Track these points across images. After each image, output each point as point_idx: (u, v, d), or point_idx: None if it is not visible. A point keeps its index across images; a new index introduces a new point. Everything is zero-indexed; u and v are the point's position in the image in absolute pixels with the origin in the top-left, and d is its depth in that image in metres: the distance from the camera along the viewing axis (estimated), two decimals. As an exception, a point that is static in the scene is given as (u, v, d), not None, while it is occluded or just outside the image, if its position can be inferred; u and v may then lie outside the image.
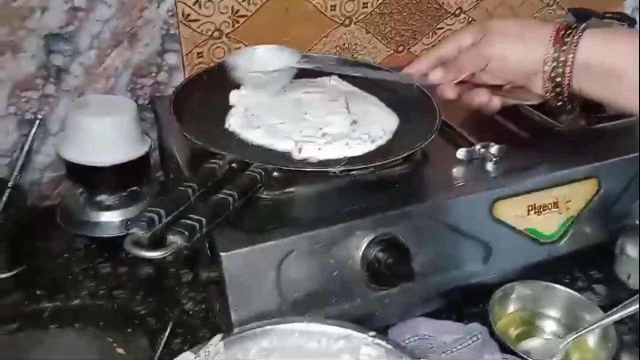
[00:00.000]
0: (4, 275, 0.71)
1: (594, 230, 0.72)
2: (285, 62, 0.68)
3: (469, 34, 0.61)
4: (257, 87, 0.68)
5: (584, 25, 0.53)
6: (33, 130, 0.70)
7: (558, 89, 0.55)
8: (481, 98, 0.62)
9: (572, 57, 0.52)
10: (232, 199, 0.48)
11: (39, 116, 0.72)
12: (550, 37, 0.53)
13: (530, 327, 0.66)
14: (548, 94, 0.56)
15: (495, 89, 0.62)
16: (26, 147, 0.70)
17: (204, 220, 0.44)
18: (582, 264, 0.74)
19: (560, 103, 0.56)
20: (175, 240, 0.41)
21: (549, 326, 0.66)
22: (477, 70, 0.60)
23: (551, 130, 0.76)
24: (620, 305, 0.62)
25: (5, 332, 0.68)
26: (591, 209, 0.70)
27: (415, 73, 0.64)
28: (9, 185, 0.70)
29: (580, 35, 0.52)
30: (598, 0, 0.96)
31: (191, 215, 0.44)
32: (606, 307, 0.64)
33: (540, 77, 0.55)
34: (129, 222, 0.42)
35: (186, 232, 0.42)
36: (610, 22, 0.85)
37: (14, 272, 0.71)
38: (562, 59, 0.53)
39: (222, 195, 0.48)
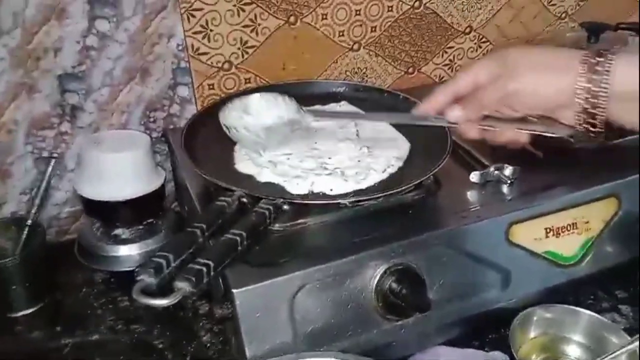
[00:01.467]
0: (24, 312, 0.72)
1: (616, 249, 0.70)
2: (282, 114, 0.63)
3: (485, 67, 0.56)
4: (257, 145, 0.64)
5: (612, 50, 0.50)
6: (50, 168, 0.71)
7: (592, 120, 0.52)
8: (507, 136, 0.59)
9: (606, 87, 0.49)
10: (240, 239, 0.48)
11: (55, 155, 0.74)
12: (581, 66, 0.50)
13: (553, 353, 0.64)
14: (581, 125, 0.53)
15: (518, 120, 0.58)
16: (43, 185, 0.71)
17: (211, 264, 0.44)
18: (605, 285, 0.72)
19: (594, 134, 0.53)
20: (183, 286, 0.41)
21: (573, 351, 0.64)
22: (498, 106, 0.56)
23: (566, 147, 0.74)
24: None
25: (28, 370, 0.68)
26: (612, 229, 0.69)
27: (431, 111, 0.60)
28: (28, 223, 0.72)
29: (611, 63, 0.49)
30: (611, 11, 0.95)
31: (199, 260, 0.44)
32: (632, 328, 0.62)
33: (570, 109, 0.52)
34: (136, 270, 0.42)
35: (193, 278, 0.42)
36: (624, 34, 0.84)
37: (35, 308, 0.72)
38: (594, 89, 0.50)
39: (230, 236, 0.48)
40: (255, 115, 0.62)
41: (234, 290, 0.52)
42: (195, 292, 0.41)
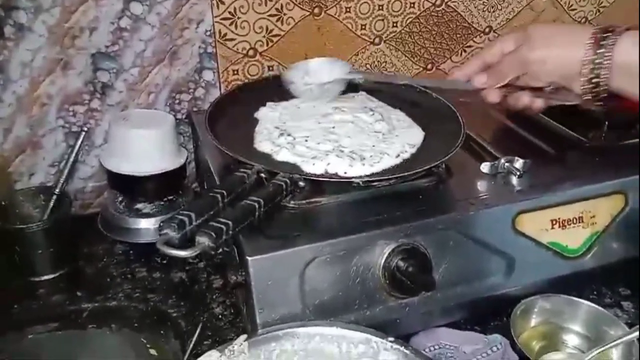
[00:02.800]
0: (47, 277, 0.75)
1: (621, 246, 0.72)
2: (337, 74, 0.74)
3: (512, 39, 0.63)
4: (312, 98, 0.74)
5: (621, 27, 0.55)
6: (79, 142, 0.75)
7: (596, 90, 0.56)
8: (524, 101, 0.64)
9: (610, 58, 0.54)
10: (258, 205, 0.51)
11: (85, 129, 0.78)
12: (589, 39, 0.55)
13: (552, 341, 0.66)
14: (586, 95, 0.57)
15: (537, 90, 0.64)
16: (72, 158, 0.75)
17: (230, 223, 0.47)
18: (609, 280, 0.74)
19: (598, 103, 0.57)
20: (204, 241, 0.45)
21: (572, 340, 0.66)
22: (518, 74, 0.62)
23: (578, 145, 0.76)
24: (645, 322, 0.62)
25: (47, 331, 0.72)
26: (618, 225, 0.70)
27: (462, 77, 0.67)
28: (55, 192, 0.75)
29: (617, 37, 0.54)
30: (630, 16, 0.97)
31: (219, 219, 0.47)
32: (633, 324, 0.64)
33: (578, 79, 0.56)
34: (161, 224, 0.45)
35: (214, 234, 0.45)
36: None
37: (57, 274, 0.76)
38: (598, 60, 0.54)
39: (249, 202, 0.51)
40: (312, 74, 0.74)
41: (249, 258, 0.55)
42: (215, 248, 0.44)
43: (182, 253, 0.44)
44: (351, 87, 0.81)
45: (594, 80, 0.56)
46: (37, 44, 0.76)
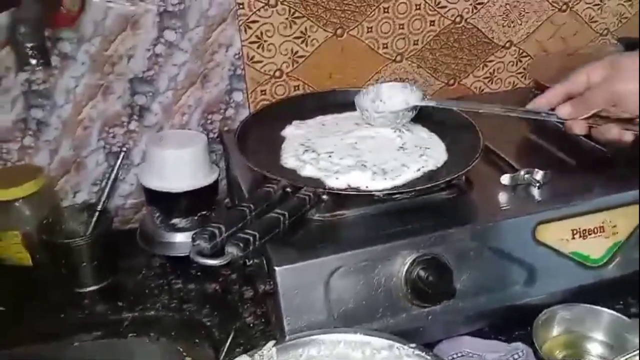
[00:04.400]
0: (91, 289, 0.80)
1: (645, 255, 0.72)
2: (412, 101, 0.76)
3: (599, 69, 0.62)
4: (384, 125, 0.76)
5: None
6: (119, 161, 0.80)
7: None
8: (613, 134, 0.63)
9: None
10: (282, 217, 0.54)
11: (124, 149, 0.83)
12: None
13: (575, 350, 0.67)
14: None
15: (624, 121, 0.63)
16: (112, 176, 0.80)
17: (257, 234, 0.50)
18: (634, 290, 0.74)
19: None
20: (232, 250, 0.48)
21: (595, 349, 0.66)
22: (608, 106, 0.61)
23: (598, 156, 0.77)
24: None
25: (91, 339, 0.76)
26: (640, 235, 0.71)
27: (543, 107, 0.67)
28: (98, 209, 0.80)
29: None
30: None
31: (247, 230, 0.50)
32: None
33: None
34: (194, 236, 0.49)
35: (241, 244, 0.49)
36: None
37: (100, 285, 0.81)
38: None
39: (274, 214, 0.54)
40: (385, 100, 0.76)
41: (276, 268, 0.58)
42: (242, 257, 0.48)
43: (212, 262, 0.48)
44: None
45: None
46: (80, 71, 0.82)
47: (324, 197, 0.62)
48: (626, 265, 0.71)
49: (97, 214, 0.81)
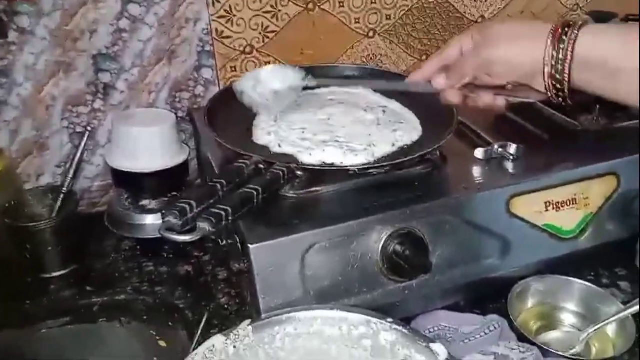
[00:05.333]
0: (58, 274, 0.78)
1: (615, 226, 0.73)
2: (290, 81, 0.71)
3: (469, 37, 0.61)
4: (266, 108, 0.72)
5: (581, 22, 0.54)
6: (84, 142, 0.77)
7: (559, 86, 0.55)
8: (485, 100, 0.63)
9: (571, 55, 0.52)
10: (256, 193, 0.53)
11: (89, 129, 0.80)
12: (549, 35, 0.54)
13: (549, 321, 0.68)
14: (549, 91, 0.56)
15: (498, 88, 0.62)
16: (77, 157, 0.77)
17: (230, 209, 0.49)
18: (605, 261, 0.75)
19: (561, 100, 0.56)
20: (204, 226, 0.47)
21: (568, 319, 0.67)
22: (478, 74, 0.60)
23: (571, 130, 0.78)
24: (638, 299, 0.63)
25: (58, 325, 0.74)
26: (611, 206, 0.72)
27: (420, 79, 0.66)
28: (63, 191, 0.78)
29: (577, 33, 0.52)
30: (624, 4, 0.97)
31: (219, 206, 0.49)
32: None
33: (540, 76, 0.55)
34: (164, 212, 0.47)
35: (213, 220, 0.47)
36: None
37: (67, 270, 0.78)
38: (560, 56, 0.53)
39: (247, 190, 0.53)
40: (264, 82, 0.70)
41: (250, 246, 0.57)
42: (214, 232, 0.46)
43: (183, 238, 0.46)
44: (348, 80, 0.83)
45: (556, 77, 0.54)
46: (39, 47, 0.79)
47: (298, 173, 0.60)
48: (597, 237, 0.72)
49: (62, 196, 0.78)
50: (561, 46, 0.53)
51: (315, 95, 0.78)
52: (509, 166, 0.70)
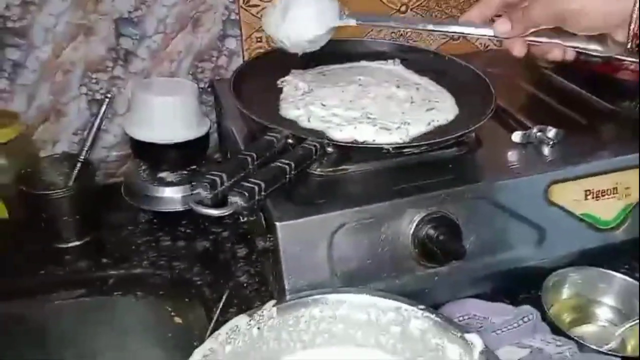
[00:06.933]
0: (73, 244, 0.75)
1: (655, 219, 0.70)
2: (325, 20, 0.64)
3: None
4: (296, 47, 0.66)
5: None
6: (102, 109, 0.74)
7: None
8: (555, 54, 0.57)
9: None
10: (288, 168, 0.50)
11: (108, 96, 0.77)
12: None
13: (584, 314, 0.65)
14: (631, 42, 0.50)
15: (568, 36, 0.56)
16: (96, 125, 0.74)
17: (263, 184, 0.46)
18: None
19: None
20: (236, 200, 0.44)
21: (604, 313, 0.65)
22: (550, 25, 0.54)
23: (611, 115, 0.74)
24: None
25: (73, 297, 0.72)
26: (653, 197, 0.68)
27: (477, 20, 0.58)
28: (80, 159, 0.75)
29: None
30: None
31: (251, 180, 0.46)
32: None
33: (623, 28, 0.50)
34: (193, 183, 0.44)
35: (246, 194, 0.44)
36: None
37: (83, 241, 0.76)
38: None
39: (279, 164, 0.50)
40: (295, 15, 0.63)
41: (277, 224, 0.54)
42: (247, 208, 0.44)
43: (215, 212, 0.44)
44: (380, 56, 0.80)
45: None
46: (60, 8, 0.76)
47: (329, 149, 0.57)
48: (635, 229, 0.69)
49: (78, 164, 0.75)
50: None
51: (345, 70, 0.74)
52: (547, 151, 0.67)
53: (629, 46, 0.51)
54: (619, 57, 0.56)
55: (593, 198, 0.65)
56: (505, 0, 0.57)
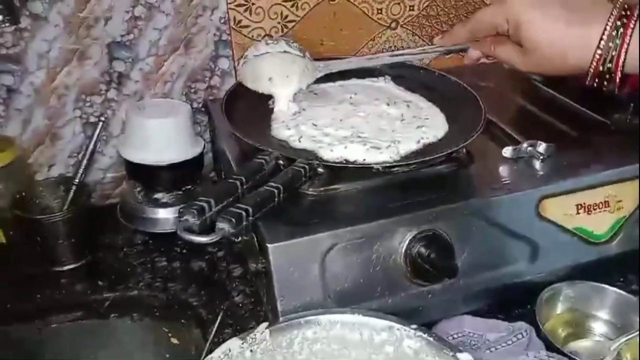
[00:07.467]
0: (69, 267, 0.76)
1: (648, 231, 0.70)
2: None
3: (502, 17, 0.59)
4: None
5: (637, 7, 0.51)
6: (97, 132, 0.75)
7: (606, 76, 0.53)
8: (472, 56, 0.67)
9: (626, 48, 0.50)
10: (277, 191, 0.50)
11: (102, 119, 0.77)
12: (604, 24, 0.51)
13: (579, 329, 0.65)
14: (588, 76, 0.54)
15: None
16: (90, 147, 0.75)
17: (250, 209, 0.46)
18: (635, 267, 0.72)
19: (606, 87, 0.54)
20: (224, 226, 0.44)
21: (599, 328, 0.65)
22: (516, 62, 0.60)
23: (602, 128, 0.74)
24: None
25: (69, 320, 0.72)
26: (645, 210, 0.68)
27: (448, 45, 0.68)
28: (75, 182, 0.75)
29: (634, 25, 0.50)
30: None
31: (239, 205, 0.46)
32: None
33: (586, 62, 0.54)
34: (181, 210, 0.45)
35: (233, 220, 0.45)
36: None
37: (79, 263, 0.76)
38: (613, 52, 0.51)
39: (268, 187, 0.50)
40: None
41: (269, 245, 0.54)
42: (235, 234, 0.44)
43: (202, 239, 0.44)
44: (369, 73, 0.80)
45: (606, 67, 0.52)
46: (53, 34, 0.76)
47: (320, 170, 0.58)
48: (629, 242, 0.69)
49: (74, 187, 0.76)
50: (617, 39, 0.51)
51: (336, 88, 0.75)
52: (538, 166, 0.67)
53: (587, 82, 0.55)
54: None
55: (585, 212, 0.65)
56: (472, 36, 0.64)
